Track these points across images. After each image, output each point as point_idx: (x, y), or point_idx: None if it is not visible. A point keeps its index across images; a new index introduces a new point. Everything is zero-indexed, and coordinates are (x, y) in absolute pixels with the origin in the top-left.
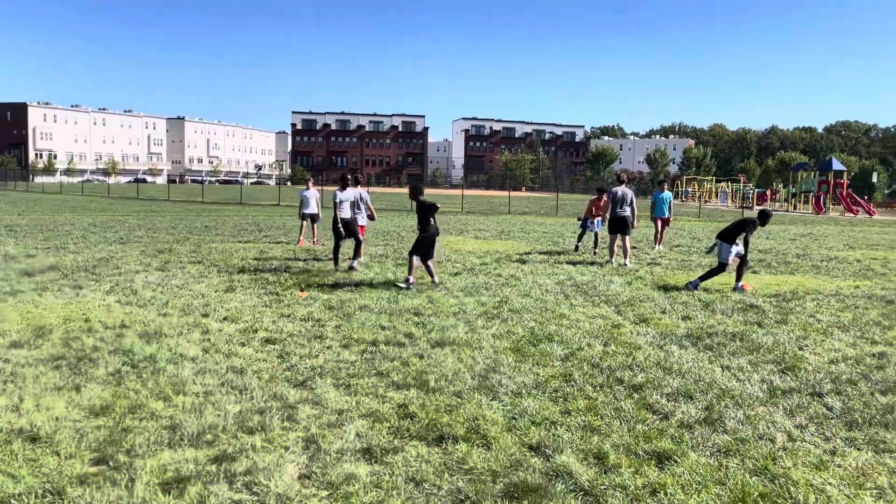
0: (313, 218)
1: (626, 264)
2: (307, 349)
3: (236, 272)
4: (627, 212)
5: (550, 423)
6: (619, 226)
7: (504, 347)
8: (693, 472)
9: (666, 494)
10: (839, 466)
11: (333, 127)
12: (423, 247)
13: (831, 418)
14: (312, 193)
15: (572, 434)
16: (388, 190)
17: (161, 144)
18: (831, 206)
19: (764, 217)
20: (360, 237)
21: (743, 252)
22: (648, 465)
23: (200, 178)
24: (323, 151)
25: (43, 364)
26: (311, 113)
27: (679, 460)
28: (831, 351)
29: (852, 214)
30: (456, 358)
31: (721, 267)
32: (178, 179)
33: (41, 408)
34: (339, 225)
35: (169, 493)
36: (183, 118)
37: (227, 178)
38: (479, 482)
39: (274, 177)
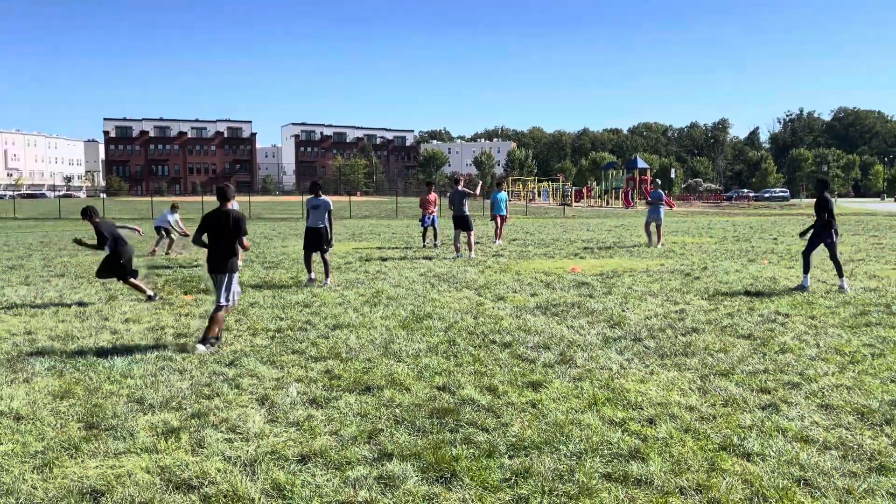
0: (167, 231)
1: (472, 257)
2: (221, 338)
3: (110, 282)
4: (467, 211)
5: (449, 373)
6: (462, 223)
7: (394, 325)
8: (559, 391)
9: (543, 405)
10: (656, 381)
11: (152, 134)
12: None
13: (649, 353)
14: (174, 219)
15: (467, 377)
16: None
17: None
18: (638, 201)
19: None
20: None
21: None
22: (527, 390)
23: (1, 193)
24: (141, 160)
25: None
26: (125, 119)
27: (548, 386)
28: (646, 311)
29: None
30: (356, 336)
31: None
32: None
33: (5, 397)
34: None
35: (168, 440)
36: None
37: (30, 191)
38: (410, 410)
39: (84, 188)
